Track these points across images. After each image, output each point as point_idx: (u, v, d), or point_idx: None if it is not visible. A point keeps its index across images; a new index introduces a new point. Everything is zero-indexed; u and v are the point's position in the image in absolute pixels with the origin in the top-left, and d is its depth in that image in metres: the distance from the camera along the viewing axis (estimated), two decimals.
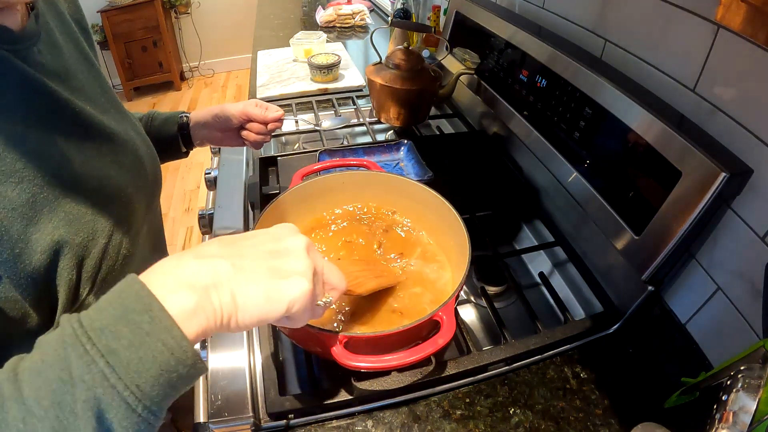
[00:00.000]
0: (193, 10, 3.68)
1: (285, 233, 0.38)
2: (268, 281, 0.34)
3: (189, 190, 2.65)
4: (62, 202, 0.42)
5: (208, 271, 0.32)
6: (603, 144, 0.66)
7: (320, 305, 0.38)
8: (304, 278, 0.35)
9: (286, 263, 0.35)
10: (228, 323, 0.32)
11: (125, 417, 0.28)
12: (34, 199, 0.40)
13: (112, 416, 0.28)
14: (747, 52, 0.50)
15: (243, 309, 0.33)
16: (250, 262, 0.34)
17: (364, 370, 0.50)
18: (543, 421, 0.54)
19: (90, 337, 0.28)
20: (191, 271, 0.32)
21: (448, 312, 0.49)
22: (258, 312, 0.33)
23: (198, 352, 0.31)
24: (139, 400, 0.28)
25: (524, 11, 0.96)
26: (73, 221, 0.43)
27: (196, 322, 0.31)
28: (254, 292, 0.33)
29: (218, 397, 0.54)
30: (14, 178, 0.38)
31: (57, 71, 0.46)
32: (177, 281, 0.31)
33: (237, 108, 0.74)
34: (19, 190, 0.39)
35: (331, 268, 0.41)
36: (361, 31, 1.81)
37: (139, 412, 0.28)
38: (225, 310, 0.32)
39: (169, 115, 0.76)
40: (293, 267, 0.35)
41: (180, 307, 0.30)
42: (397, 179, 0.69)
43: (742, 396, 0.37)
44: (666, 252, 0.55)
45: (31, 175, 0.40)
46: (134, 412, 0.28)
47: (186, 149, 0.78)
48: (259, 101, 0.75)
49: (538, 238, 0.85)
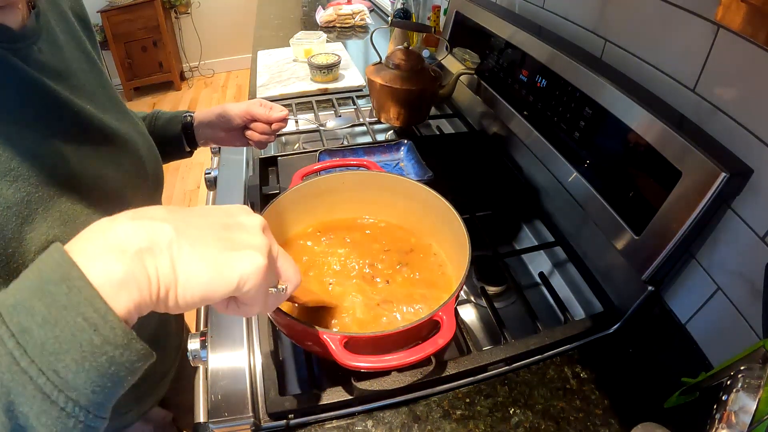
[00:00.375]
0: (193, 10, 3.68)
1: (238, 210, 0.34)
2: (217, 252, 0.29)
3: (189, 190, 2.66)
4: (57, 201, 0.42)
5: (145, 233, 0.27)
6: (603, 144, 0.66)
7: (272, 292, 0.35)
8: (259, 252, 0.31)
9: (239, 236, 0.31)
10: (165, 298, 0.28)
11: (43, 411, 0.23)
12: (29, 198, 0.39)
13: (26, 409, 0.23)
14: (747, 52, 0.50)
15: (185, 281, 0.28)
16: (197, 230, 0.29)
17: (364, 370, 0.50)
18: (543, 421, 0.54)
19: (0, 314, 0.24)
20: (124, 233, 0.27)
21: (448, 312, 0.49)
22: (202, 286, 0.28)
23: (131, 331, 0.26)
24: (60, 389, 0.24)
25: (524, 11, 0.96)
26: (68, 221, 0.43)
27: (127, 294, 0.26)
28: (199, 262, 0.28)
29: (218, 397, 0.54)
30: (9, 177, 0.38)
31: (57, 70, 0.46)
32: (105, 245, 0.26)
33: (241, 108, 0.73)
34: (14, 189, 0.38)
35: (286, 257, 0.37)
36: (361, 31, 1.81)
37: (61, 405, 0.24)
38: (162, 282, 0.27)
39: (173, 115, 0.76)
40: (248, 241, 0.31)
41: (105, 275, 0.25)
42: (398, 179, 0.69)
43: (742, 396, 0.37)
44: (666, 252, 0.55)
45: (27, 174, 0.39)
46: (54, 404, 0.23)
47: (190, 149, 0.78)
48: (263, 101, 0.75)
49: (538, 238, 0.85)
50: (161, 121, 0.75)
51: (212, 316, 0.63)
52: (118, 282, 0.26)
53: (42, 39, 0.45)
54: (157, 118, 0.75)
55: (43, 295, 0.24)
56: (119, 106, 0.57)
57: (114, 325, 0.25)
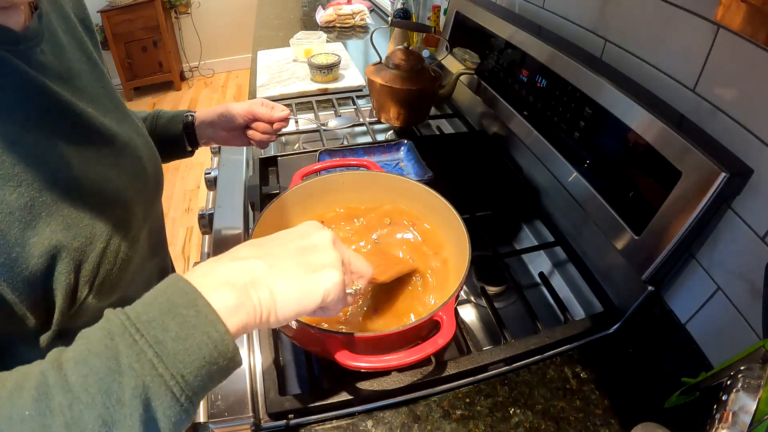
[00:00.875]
0: (193, 10, 3.68)
1: (310, 230, 0.40)
2: (303, 276, 0.36)
3: (189, 190, 2.66)
4: (60, 206, 0.42)
5: (245, 270, 0.34)
6: (603, 144, 0.66)
7: (351, 293, 0.41)
8: (335, 269, 0.38)
9: (315, 258, 0.38)
10: (267, 318, 0.35)
11: (169, 406, 0.29)
12: (32, 203, 0.39)
13: (157, 404, 0.29)
14: (747, 52, 0.50)
15: (281, 303, 0.35)
16: (282, 260, 0.36)
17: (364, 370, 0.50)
18: (543, 421, 0.54)
19: (138, 328, 0.29)
20: (229, 271, 0.34)
21: (448, 312, 0.49)
22: (296, 305, 0.36)
23: (237, 347, 0.32)
24: (183, 389, 0.29)
25: (524, 11, 0.96)
26: (71, 225, 0.43)
27: (238, 318, 0.33)
28: (291, 287, 0.35)
29: (218, 397, 0.54)
30: (12, 181, 0.38)
31: (59, 72, 0.46)
32: (217, 280, 0.33)
33: (242, 107, 0.73)
34: (17, 194, 0.38)
35: (357, 257, 0.43)
36: (361, 31, 1.81)
37: (182, 402, 0.29)
38: (264, 306, 0.34)
39: (174, 114, 0.76)
40: (323, 260, 0.38)
41: (223, 303, 0.32)
42: (397, 179, 0.69)
43: (742, 396, 0.37)
44: (666, 252, 0.55)
45: (30, 179, 0.39)
46: (178, 401, 0.29)
47: (191, 148, 0.78)
48: (264, 100, 0.75)
49: (538, 238, 0.85)
50: (162, 120, 0.74)
51: None
52: (231, 308, 0.32)
53: (44, 41, 0.45)
54: (159, 117, 0.75)
55: (175, 316, 0.30)
56: (120, 109, 0.57)
57: (228, 343, 0.32)
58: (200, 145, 0.78)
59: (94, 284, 0.45)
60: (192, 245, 2.24)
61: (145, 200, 0.57)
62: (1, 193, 0.37)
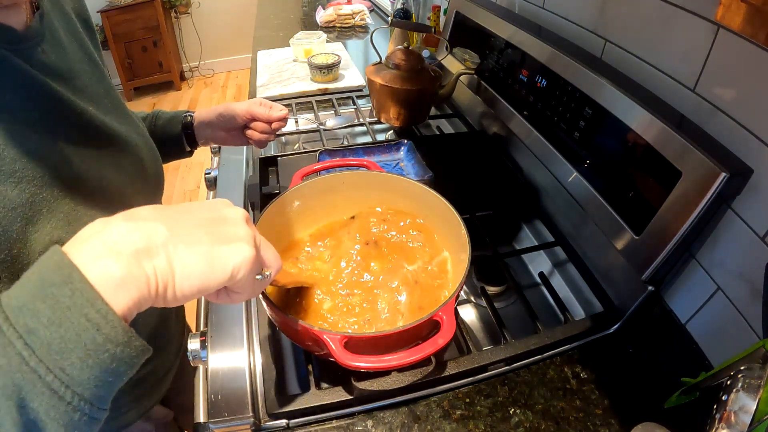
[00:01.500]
0: (193, 10, 3.68)
1: (220, 205, 0.36)
2: (210, 246, 0.31)
3: (189, 190, 2.66)
4: (61, 202, 0.42)
5: (139, 234, 0.29)
6: (603, 144, 0.66)
7: (259, 279, 0.37)
8: (247, 244, 0.34)
9: (226, 230, 0.34)
10: (164, 293, 0.29)
11: (52, 406, 0.25)
12: (33, 199, 0.39)
13: (36, 405, 0.25)
14: (747, 52, 0.50)
15: (182, 275, 0.30)
16: (187, 227, 0.32)
17: (364, 370, 0.50)
18: (543, 421, 0.54)
19: (7, 316, 0.25)
20: (119, 234, 0.28)
21: (448, 312, 0.49)
22: (199, 278, 0.30)
23: (130, 329, 0.27)
24: (67, 385, 0.25)
25: (524, 11, 0.96)
26: (72, 222, 0.43)
27: (126, 293, 0.27)
28: (194, 256, 0.30)
29: (218, 397, 0.54)
30: (13, 178, 0.38)
31: (60, 71, 0.46)
32: (102, 247, 0.28)
33: (241, 107, 0.73)
34: (18, 190, 0.38)
35: (267, 244, 0.39)
36: (361, 31, 1.81)
37: (68, 400, 0.25)
38: (161, 278, 0.29)
39: (173, 114, 0.76)
40: (235, 233, 0.34)
41: (105, 276, 0.27)
42: (397, 179, 0.69)
43: (742, 396, 0.37)
44: (666, 252, 0.55)
45: (31, 175, 0.39)
46: (62, 399, 0.25)
47: (190, 148, 0.78)
48: (263, 100, 0.75)
49: (538, 238, 0.85)
50: (162, 120, 0.75)
51: (212, 315, 0.63)
52: (116, 282, 0.27)
53: (45, 40, 0.45)
54: (158, 117, 0.75)
55: (47, 298, 0.26)
56: (121, 108, 0.57)
57: (115, 324, 0.26)
58: (199, 145, 0.78)
59: None
60: None
61: (146, 199, 0.57)
62: (2, 189, 0.37)
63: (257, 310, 0.65)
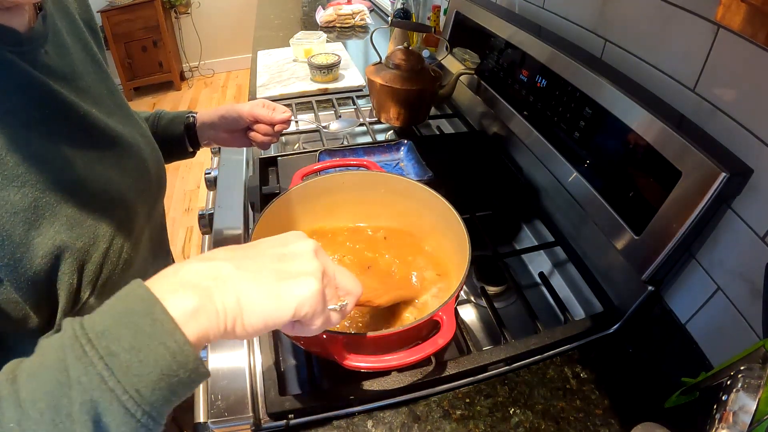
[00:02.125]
0: (193, 10, 3.68)
1: (292, 238, 0.37)
2: (273, 282, 0.33)
3: (189, 190, 2.65)
4: (64, 206, 0.42)
5: (210, 270, 0.32)
6: (603, 144, 0.66)
7: (334, 309, 0.37)
8: (313, 278, 0.34)
9: (292, 265, 0.34)
10: (233, 327, 0.31)
11: (123, 422, 0.27)
12: (36, 204, 0.39)
13: (109, 420, 0.27)
14: (747, 52, 0.50)
15: (248, 310, 0.32)
16: (254, 263, 0.33)
17: (364, 370, 0.50)
18: (543, 421, 0.54)
19: (90, 339, 0.28)
20: (193, 273, 0.31)
21: (448, 312, 0.49)
22: (264, 314, 0.32)
23: (199, 356, 0.30)
24: (139, 405, 0.27)
25: (524, 11, 0.96)
26: (74, 226, 0.43)
27: (197, 324, 0.30)
28: (259, 292, 0.32)
29: (218, 397, 0.54)
30: (17, 182, 0.38)
31: (63, 73, 0.46)
32: (179, 282, 0.31)
33: (244, 109, 0.73)
34: (21, 195, 0.38)
35: (343, 272, 0.39)
36: (361, 31, 1.81)
37: (138, 417, 0.27)
38: (229, 313, 0.31)
39: (175, 115, 0.75)
40: (300, 268, 0.34)
41: (181, 307, 0.29)
42: (397, 179, 0.69)
43: (742, 396, 0.37)
44: (666, 252, 0.55)
45: (34, 179, 0.39)
46: (133, 417, 0.27)
47: (192, 149, 0.77)
48: (266, 102, 0.74)
49: (538, 238, 0.85)
50: (164, 121, 0.74)
51: None
52: (190, 313, 0.30)
53: (49, 42, 0.45)
54: (160, 118, 0.75)
55: (130, 325, 0.28)
56: (124, 110, 0.57)
57: (188, 353, 0.29)
58: (202, 146, 0.78)
59: (96, 284, 0.45)
60: (192, 245, 2.24)
61: (148, 201, 0.57)
62: (5, 193, 0.37)
63: None
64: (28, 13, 0.44)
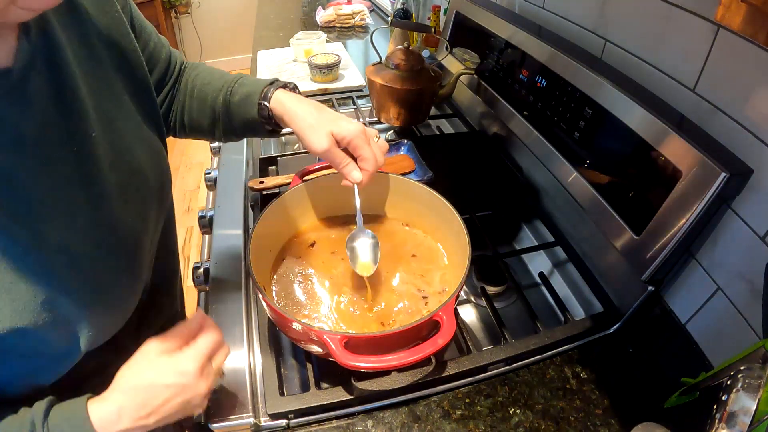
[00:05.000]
0: (193, 10, 3.67)
1: (182, 367, 0.45)
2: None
3: (189, 190, 2.65)
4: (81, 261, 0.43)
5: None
6: (603, 144, 0.66)
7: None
8: (204, 399, 0.47)
9: (189, 401, 0.46)
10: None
11: None
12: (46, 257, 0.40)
13: None
14: (747, 52, 0.50)
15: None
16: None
17: (364, 370, 0.50)
18: (543, 421, 0.54)
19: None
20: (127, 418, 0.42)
21: (448, 312, 0.49)
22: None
23: None
24: None
25: (524, 11, 0.96)
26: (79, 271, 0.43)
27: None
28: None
29: (218, 397, 0.54)
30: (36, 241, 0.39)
31: (54, 99, 0.41)
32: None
33: (337, 142, 0.57)
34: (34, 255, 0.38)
35: (216, 359, 0.49)
36: (361, 31, 1.81)
37: None
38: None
39: (247, 95, 0.61)
40: (195, 401, 0.46)
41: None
42: (397, 179, 0.69)
43: (742, 396, 0.37)
44: (666, 252, 0.55)
45: (42, 238, 0.39)
46: None
47: (273, 129, 0.63)
48: (369, 131, 0.59)
49: (538, 238, 0.85)
50: (237, 97, 0.62)
51: (212, 316, 0.63)
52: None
53: (37, 64, 0.40)
54: (232, 93, 0.62)
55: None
56: (137, 131, 0.52)
57: None
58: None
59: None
60: (192, 245, 2.24)
61: (150, 227, 0.54)
62: None
63: (257, 310, 0.65)
64: (9, 42, 0.38)
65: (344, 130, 0.56)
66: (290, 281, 0.63)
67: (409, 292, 0.62)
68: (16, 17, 0.34)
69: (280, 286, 0.63)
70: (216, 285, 0.69)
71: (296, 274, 0.64)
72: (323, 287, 0.63)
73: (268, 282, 0.63)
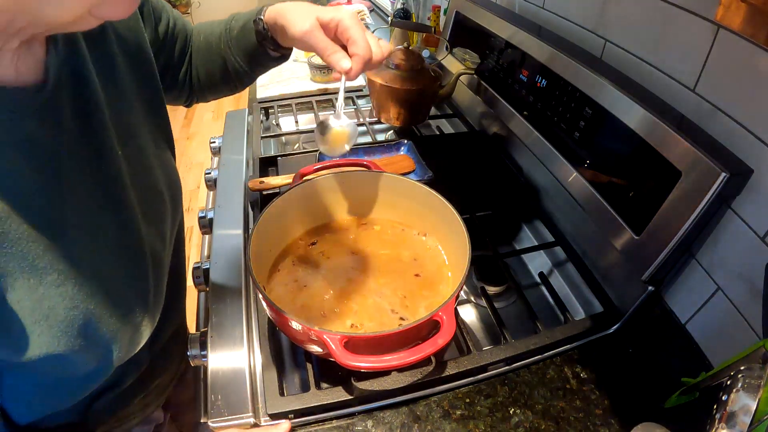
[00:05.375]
0: (193, 10, 3.68)
1: None
2: None
3: (189, 190, 2.65)
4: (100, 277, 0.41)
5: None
6: (603, 144, 0.66)
7: None
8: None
9: None
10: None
11: None
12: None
13: None
14: (747, 52, 0.50)
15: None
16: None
17: (364, 370, 0.50)
18: (543, 421, 0.54)
19: None
20: None
21: (448, 312, 0.49)
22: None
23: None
24: None
25: (524, 11, 0.96)
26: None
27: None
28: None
29: (218, 397, 0.54)
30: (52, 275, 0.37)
31: (79, 115, 0.39)
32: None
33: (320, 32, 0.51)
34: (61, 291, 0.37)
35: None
36: None
37: None
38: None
39: (245, 21, 0.59)
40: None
41: None
42: (397, 179, 0.69)
43: (742, 396, 0.37)
44: (666, 252, 0.55)
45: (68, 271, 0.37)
46: None
47: (279, 53, 0.60)
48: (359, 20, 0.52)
49: (538, 238, 0.85)
50: (235, 32, 0.60)
51: (212, 316, 0.63)
52: None
53: (63, 82, 0.38)
54: (230, 29, 0.60)
55: None
56: (154, 149, 0.51)
57: None
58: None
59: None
60: (192, 245, 2.24)
61: (170, 243, 0.55)
62: None
63: (257, 310, 0.65)
64: (36, 57, 0.36)
65: (331, 12, 0.50)
66: (291, 281, 0.63)
67: (410, 290, 0.62)
68: (86, 25, 0.33)
69: (280, 285, 0.63)
70: (216, 285, 0.69)
71: (297, 274, 0.64)
72: (323, 287, 0.62)
73: (268, 282, 0.63)
